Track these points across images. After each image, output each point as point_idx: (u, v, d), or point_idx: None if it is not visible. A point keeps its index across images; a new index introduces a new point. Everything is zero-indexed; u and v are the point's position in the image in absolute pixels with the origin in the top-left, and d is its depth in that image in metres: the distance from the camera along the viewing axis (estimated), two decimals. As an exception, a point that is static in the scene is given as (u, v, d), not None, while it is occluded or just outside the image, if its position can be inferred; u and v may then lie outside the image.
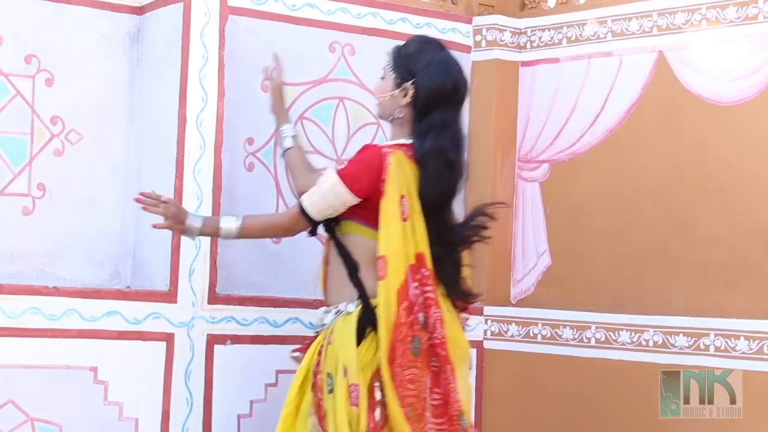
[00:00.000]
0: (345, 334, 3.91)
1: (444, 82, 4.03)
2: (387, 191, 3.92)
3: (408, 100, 4.03)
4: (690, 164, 4.71)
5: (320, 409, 3.91)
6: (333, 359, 3.91)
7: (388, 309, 3.86)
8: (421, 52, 4.07)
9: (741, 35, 4.59)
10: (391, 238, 3.90)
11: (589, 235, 5.01)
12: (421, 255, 3.94)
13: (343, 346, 3.90)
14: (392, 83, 4.06)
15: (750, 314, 4.48)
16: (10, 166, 4.45)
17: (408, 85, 4.02)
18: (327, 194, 3.97)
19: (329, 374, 3.90)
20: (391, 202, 3.92)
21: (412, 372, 3.89)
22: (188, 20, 4.47)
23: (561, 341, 5.00)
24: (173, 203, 4.19)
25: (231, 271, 4.58)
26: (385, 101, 4.09)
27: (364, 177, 3.96)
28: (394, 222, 3.91)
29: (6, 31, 4.45)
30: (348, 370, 3.85)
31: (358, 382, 3.84)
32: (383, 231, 3.91)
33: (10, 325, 4.15)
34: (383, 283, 3.87)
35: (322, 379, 3.92)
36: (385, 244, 3.90)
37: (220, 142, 4.51)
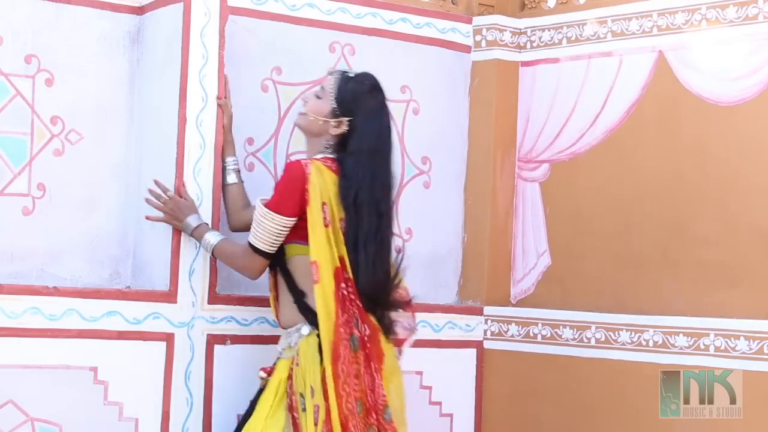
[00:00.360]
0: (308, 355, 4.11)
1: (379, 135, 4.20)
2: (310, 200, 4.09)
3: (338, 131, 4.18)
4: (690, 164, 4.71)
5: (297, 428, 4.09)
6: (302, 380, 4.11)
7: (328, 310, 4.05)
8: (367, 97, 4.21)
9: (741, 35, 4.59)
10: (318, 244, 4.08)
11: (589, 236, 5.01)
12: (343, 258, 4.11)
13: (309, 367, 4.10)
14: (329, 110, 4.19)
15: (750, 314, 4.48)
16: (10, 166, 4.45)
17: (344, 120, 4.18)
18: (264, 224, 4.13)
19: (301, 394, 4.10)
20: (315, 210, 4.09)
21: (355, 368, 4.08)
22: (188, 20, 4.47)
23: (561, 341, 5.00)
24: (173, 200, 4.37)
25: (231, 271, 4.57)
26: (314, 121, 4.21)
27: (289, 196, 4.11)
28: (319, 227, 4.09)
29: (6, 31, 4.45)
30: (314, 390, 4.06)
31: (319, 402, 4.05)
32: (312, 238, 4.08)
33: (10, 325, 4.15)
34: (318, 287, 4.06)
35: (297, 399, 4.10)
36: (315, 250, 4.07)
37: (220, 142, 4.51)
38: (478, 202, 5.24)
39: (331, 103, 4.18)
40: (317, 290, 4.07)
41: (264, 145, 4.72)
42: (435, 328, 5.09)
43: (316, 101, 4.22)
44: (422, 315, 5.00)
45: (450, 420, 5.15)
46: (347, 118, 4.17)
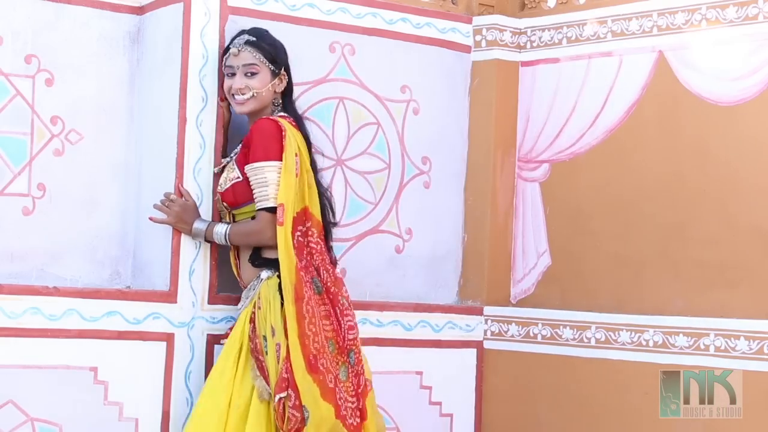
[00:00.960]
0: (269, 297, 4.24)
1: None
2: (286, 148, 4.28)
3: (282, 87, 4.45)
4: (690, 164, 4.71)
5: (264, 370, 4.20)
6: (263, 322, 4.24)
7: (288, 253, 4.22)
8: (277, 40, 4.49)
9: (741, 35, 4.59)
10: (287, 188, 4.28)
11: (589, 235, 5.01)
12: (307, 209, 4.33)
13: (270, 308, 4.23)
14: (269, 74, 4.39)
15: (750, 314, 4.48)
16: (10, 166, 4.45)
17: (283, 74, 4.44)
18: (269, 177, 4.27)
19: (264, 336, 4.22)
20: (289, 157, 4.28)
21: (324, 309, 4.26)
22: (188, 20, 4.47)
23: (561, 341, 5.00)
24: (179, 203, 4.40)
25: (231, 271, 4.57)
26: (266, 93, 4.39)
27: (272, 145, 4.29)
28: (291, 174, 4.28)
29: (6, 31, 4.45)
30: (275, 330, 4.20)
31: (280, 341, 4.17)
32: (283, 181, 4.26)
33: (10, 325, 4.15)
34: (281, 229, 4.22)
35: (260, 342, 4.20)
36: (283, 193, 4.25)
37: (220, 142, 4.51)
38: (478, 202, 5.24)
39: (268, 66, 4.39)
40: (280, 232, 4.21)
41: (264, 145, 4.72)
42: (435, 328, 5.09)
43: (253, 78, 4.38)
44: (422, 315, 5.01)
45: (450, 420, 5.15)
46: (284, 72, 4.45)
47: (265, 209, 4.28)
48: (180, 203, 4.39)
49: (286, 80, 4.45)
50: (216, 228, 4.37)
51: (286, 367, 4.14)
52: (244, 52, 4.37)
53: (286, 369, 4.14)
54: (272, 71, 4.40)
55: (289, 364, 4.14)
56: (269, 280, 4.28)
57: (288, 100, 4.48)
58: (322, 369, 4.18)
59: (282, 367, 4.15)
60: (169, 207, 4.39)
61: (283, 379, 4.14)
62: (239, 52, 4.37)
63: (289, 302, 4.18)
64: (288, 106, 4.47)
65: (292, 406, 4.12)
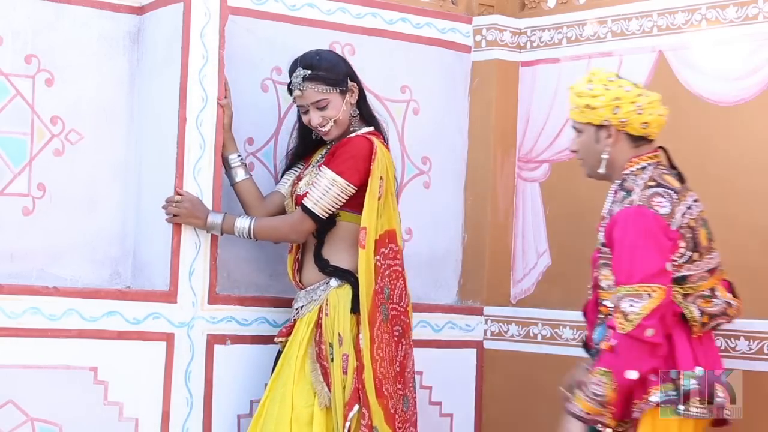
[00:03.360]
0: (338, 305, 4.29)
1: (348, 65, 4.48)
2: (372, 173, 4.30)
3: (356, 96, 4.43)
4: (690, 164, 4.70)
5: (328, 377, 4.25)
6: (331, 329, 4.28)
7: (369, 276, 4.26)
8: (332, 54, 4.52)
9: (741, 35, 4.59)
10: (370, 213, 4.32)
11: (589, 236, 4.99)
12: (393, 232, 4.38)
13: (338, 317, 4.28)
14: (340, 98, 4.36)
15: (750, 314, 4.47)
16: (10, 166, 4.45)
17: (351, 85, 4.40)
18: (330, 191, 4.29)
19: (330, 344, 4.27)
20: (374, 182, 4.30)
21: (387, 338, 4.31)
22: (188, 20, 4.47)
23: (561, 341, 5.00)
24: (187, 199, 4.39)
25: (231, 271, 4.58)
26: (342, 117, 4.37)
27: (360, 166, 4.29)
28: (373, 199, 4.31)
29: (6, 31, 4.45)
30: (342, 340, 4.24)
31: (348, 352, 4.23)
32: (366, 205, 4.29)
33: (10, 325, 4.15)
34: (364, 252, 4.26)
35: (326, 349, 4.24)
36: (367, 218, 4.29)
37: (220, 142, 4.51)
38: (478, 202, 5.24)
39: (335, 91, 4.35)
40: (362, 255, 4.25)
41: (264, 145, 4.72)
42: (435, 328, 5.09)
43: (326, 110, 4.36)
44: (422, 315, 5.01)
45: (450, 420, 5.15)
46: (351, 82, 4.41)
47: (308, 211, 4.30)
48: (188, 199, 4.39)
49: (357, 88, 4.43)
50: (238, 222, 4.37)
51: (358, 385, 4.20)
52: (307, 91, 4.35)
53: (358, 386, 4.20)
54: (341, 92, 4.38)
55: (362, 384, 4.19)
56: (339, 288, 4.31)
57: (363, 104, 4.46)
58: (386, 394, 4.25)
59: (353, 380, 4.20)
60: (178, 205, 4.38)
61: (356, 389, 4.19)
62: (303, 92, 4.35)
63: (365, 323, 4.23)
64: (363, 110, 4.46)
65: (365, 425, 4.17)
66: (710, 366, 3.98)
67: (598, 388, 3.88)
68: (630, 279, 3.85)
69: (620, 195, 4.01)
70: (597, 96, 4.01)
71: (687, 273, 3.96)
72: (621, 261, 3.90)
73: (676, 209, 3.94)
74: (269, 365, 4.48)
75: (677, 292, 3.93)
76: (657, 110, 4.04)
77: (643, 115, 4.01)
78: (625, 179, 4.03)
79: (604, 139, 4.03)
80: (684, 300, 3.96)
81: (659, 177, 4.00)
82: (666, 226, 3.90)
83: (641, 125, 4.02)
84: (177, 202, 4.38)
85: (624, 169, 4.05)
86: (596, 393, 3.89)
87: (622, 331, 3.83)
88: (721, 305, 4.04)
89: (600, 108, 4.01)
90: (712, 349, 4.06)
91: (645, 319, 3.81)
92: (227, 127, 4.52)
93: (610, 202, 4.10)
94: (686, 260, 3.95)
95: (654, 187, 3.96)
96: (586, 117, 4.05)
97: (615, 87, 4.01)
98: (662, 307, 3.83)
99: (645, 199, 3.92)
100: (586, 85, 4.06)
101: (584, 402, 3.92)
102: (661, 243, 3.88)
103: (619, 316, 3.84)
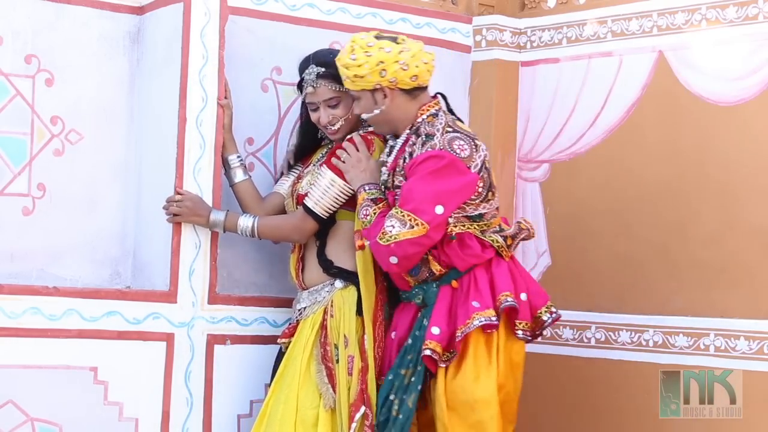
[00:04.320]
0: (344, 307, 4.29)
1: None
2: None
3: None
4: (690, 164, 4.71)
5: (333, 378, 4.21)
6: (336, 331, 4.28)
7: (368, 277, 4.28)
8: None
9: (741, 35, 4.59)
10: None
11: (589, 235, 5.01)
12: None
13: (343, 318, 4.28)
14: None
15: (750, 314, 4.48)
16: (10, 166, 4.45)
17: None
18: (330, 191, 4.30)
19: (335, 345, 4.25)
20: None
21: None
22: (188, 20, 4.47)
23: (561, 341, 5.00)
24: (188, 198, 4.39)
25: (231, 271, 4.58)
26: (351, 116, 4.37)
27: None
28: None
29: (6, 31, 4.45)
30: (348, 341, 4.22)
31: (354, 353, 4.21)
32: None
33: (10, 325, 4.15)
34: (361, 254, 4.24)
35: (331, 350, 4.24)
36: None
37: (220, 142, 4.51)
38: (478, 202, 5.23)
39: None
40: (359, 256, 4.26)
41: (264, 145, 4.72)
42: (435, 328, 5.08)
43: (337, 108, 4.36)
44: (422, 315, 4.99)
45: (450, 420, 5.14)
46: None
47: (309, 211, 4.32)
48: (189, 198, 4.39)
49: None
50: (241, 221, 4.39)
51: (363, 385, 4.20)
52: (320, 88, 4.35)
53: (362, 386, 4.19)
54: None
55: (366, 384, 4.19)
56: (344, 290, 4.32)
57: None
58: None
59: (358, 381, 4.20)
60: (179, 204, 4.38)
61: (361, 391, 4.19)
62: (315, 89, 4.35)
63: (369, 322, 4.24)
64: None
65: (368, 425, 4.18)
66: (528, 285, 4.23)
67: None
68: (404, 204, 4.06)
69: (419, 140, 4.17)
70: (362, 65, 4.15)
71: (483, 211, 4.18)
72: (404, 187, 4.11)
73: (475, 154, 4.14)
74: (269, 365, 4.47)
75: (475, 229, 4.16)
76: (422, 60, 4.20)
77: (409, 70, 4.17)
78: (419, 126, 4.20)
79: (381, 100, 4.20)
80: (483, 235, 4.17)
81: (453, 123, 4.22)
82: (466, 169, 4.11)
83: (411, 79, 4.18)
84: (178, 201, 4.38)
85: (416, 118, 4.22)
86: None
87: (377, 239, 4.05)
88: (515, 227, 4.29)
89: (368, 75, 4.16)
90: (521, 267, 4.33)
91: (396, 244, 4.03)
92: (227, 128, 4.52)
93: (398, 149, 4.25)
94: (482, 199, 4.17)
95: (452, 133, 4.16)
96: (358, 85, 4.20)
97: (376, 51, 4.15)
98: (416, 244, 4.04)
99: (446, 143, 4.12)
100: (349, 55, 4.19)
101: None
102: (449, 188, 4.09)
103: (381, 231, 4.05)
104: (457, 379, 4.11)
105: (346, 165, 4.29)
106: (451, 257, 4.15)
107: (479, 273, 4.17)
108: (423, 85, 4.23)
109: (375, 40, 4.18)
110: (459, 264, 4.16)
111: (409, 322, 4.24)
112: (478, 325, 4.06)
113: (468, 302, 4.12)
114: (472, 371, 4.10)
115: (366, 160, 4.30)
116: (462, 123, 4.30)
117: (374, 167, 4.30)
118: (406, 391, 4.12)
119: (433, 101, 4.27)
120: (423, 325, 4.15)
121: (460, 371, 4.11)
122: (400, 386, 4.13)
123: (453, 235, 4.13)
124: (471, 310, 4.09)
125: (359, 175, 4.27)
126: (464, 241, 4.15)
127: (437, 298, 4.17)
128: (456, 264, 4.16)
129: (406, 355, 4.16)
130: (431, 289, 4.19)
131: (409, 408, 4.10)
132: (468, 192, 4.12)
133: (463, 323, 4.08)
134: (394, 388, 4.14)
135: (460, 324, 4.09)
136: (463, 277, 4.17)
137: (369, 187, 4.24)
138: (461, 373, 4.11)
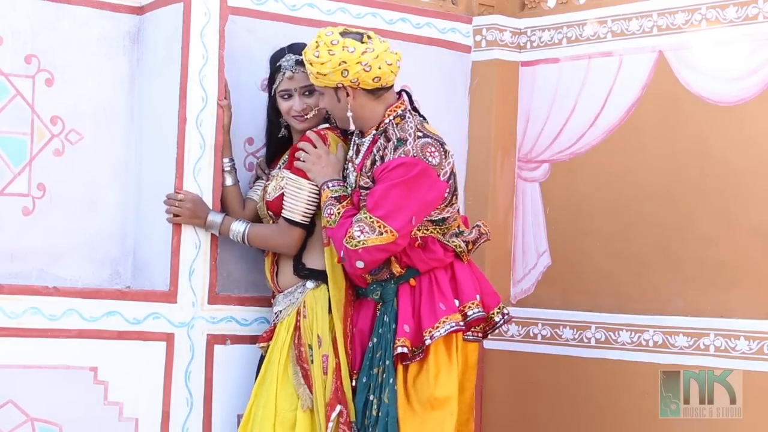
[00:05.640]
0: (316, 307, 4.30)
1: None
2: None
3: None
4: (690, 164, 4.71)
5: (309, 379, 4.21)
6: (309, 331, 4.28)
7: (335, 273, 4.28)
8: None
9: (741, 35, 4.59)
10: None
11: (589, 235, 5.01)
12: None
13: (317, 317, 4.29)
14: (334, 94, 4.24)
15: (750, 314, 4.48)
16: (10, 166, 4.45)
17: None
18: (299, 195, 4.31)
19: (309, 346, 4.25)
20: None
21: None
22: (188, 20, 4.47)
23: (561, 341, 5.00)
24: (189, 199, 4.39)
25: (231, 271, 4.58)
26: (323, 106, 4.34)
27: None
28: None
29: (6, 31, 4.45)
30: (321, 341, 4.23)
31: (328, 352, 4.23)
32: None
33: (10, 325, 4.15)
34: (328, 249, 4.25)
35: (305, 351, 4.25)
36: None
37: (220, 142, 4.51)
38: (478, 202, 5.24)
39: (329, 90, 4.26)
40: (327, 252, 4.27)
41: (264, 145, 4.72)
42: (435, 328, 5.08)
43: (311, 97, 4.37)
44: (422, 315, 5.00)
45: (450, 420, 5.14)
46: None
47: (290, 221, 4.32)
48: (190, 199, 4.39)
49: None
50: (233, 226, 4.41)
51: (338, 383, 4.21)
52: (298, 74, 4.37)
53: (337, 384, 4.21)
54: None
55: (340, 381, 4.21)
56: (315, 290, 4.32)
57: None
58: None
59: (333, 380, 4.21)
60: (180, 205, 4.39)
61: (336, 389, 4.19)
62: (293, 74, 4.37)
63: (338, 320, 4.25)
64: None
65: (344, 422, 4.19)
66: (482, 286, 4.29)
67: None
68: (373, 210, 4.06)
69: (391, 144, 4.15)
70: (324, 63, 4.14)
71: (446, 215, 4.22)
72: (374, 192, 4.10)
73: (444, 161, 4.16)
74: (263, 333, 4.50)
75: (438, 232, 4.19)
76: (385, 61, 4.18)
77: (371, 71, 4.15)
78: (387, 128, 4.20)
79: (344, 99, 4.20)
80: (444, 237, 4.21)
81: (422, 126, 4.20)
82: (436, 177, 4.12)
83: (373, 80, 4.17)
84: (180, 201, 4.38)
85: (383, 119, 4.21)
86: None
87: (344, 242, 4.07)
88: (475, 232, 4.32)
89: (330, 73, 4.15)
90: (475, 267, 4.36)
91: (364, 250, 4.04)
92: (226, 129, 4.52)
93: (366, 149, 4.24)
94: (447, 203, 4.19)
95: (423, 138, 4.15)
96: (321, 82, 4.20)
97: (339, 50, 4.13)
98: (384, 250, 4.06)
99: (418, 150, 4.11)
100: (314, 51, 4.18)
101: None
102: (420, 198, 4.10)
103: (348, 233, 4.05)
104: (420, 376, 4.15)
105: (307, 164, 4.29)
106: (414, 259, 4.18)
107: (439, 274, 4.21)
108: (386, 85, 4.21)
109: (340, 37, 4.16)
110: (420, 266, 4.20)
111: (370, 318, 4.27)
112: (449, 330, 4.11)
113: (433, 303, 4.15)
114: (433, 369, 4.13)
115: (326, 155, 4.29)
116: (428, 123, 4.28)
117: (335, 161, 4.30)
118: (382, 388, 4.14)
119: (399, 101, 4.26)
120: (385, 322, 4.18)
121: (422, 369, 4.15)
122: (376, 385, 4.16)
123: (417, 239, 4.15)
124: (439, 312, 4.13)
125: (321, 171, 4.27)
126: (428, 245, 4.18)
127: (398, 296, 4.20)
128: (417, 266, 4.20)
129: (375, 354, 4.18)
130: (389, 286, 4.22)
131: (387, 404, 4.12)
132: (437, 202, 4.15)
133: (431, 325, 4.12)
134: (371, 388, 4.17)
135: (426, 324, 4.13)
136: (421, 276, 4.20)
137: (332, 184, 4.24)
138: (423, 372, 4.15)
